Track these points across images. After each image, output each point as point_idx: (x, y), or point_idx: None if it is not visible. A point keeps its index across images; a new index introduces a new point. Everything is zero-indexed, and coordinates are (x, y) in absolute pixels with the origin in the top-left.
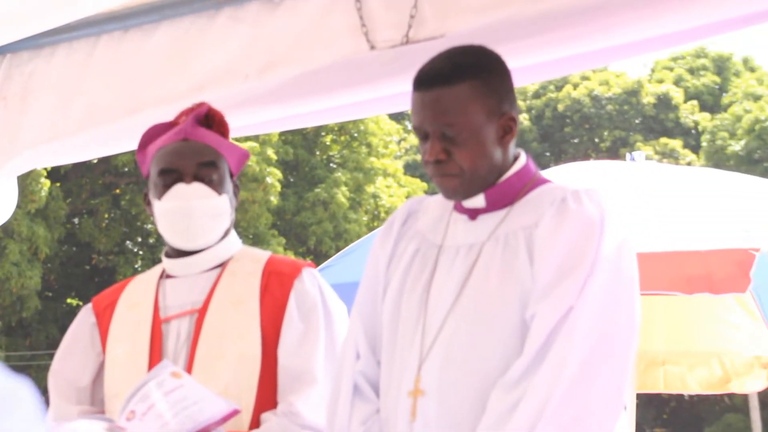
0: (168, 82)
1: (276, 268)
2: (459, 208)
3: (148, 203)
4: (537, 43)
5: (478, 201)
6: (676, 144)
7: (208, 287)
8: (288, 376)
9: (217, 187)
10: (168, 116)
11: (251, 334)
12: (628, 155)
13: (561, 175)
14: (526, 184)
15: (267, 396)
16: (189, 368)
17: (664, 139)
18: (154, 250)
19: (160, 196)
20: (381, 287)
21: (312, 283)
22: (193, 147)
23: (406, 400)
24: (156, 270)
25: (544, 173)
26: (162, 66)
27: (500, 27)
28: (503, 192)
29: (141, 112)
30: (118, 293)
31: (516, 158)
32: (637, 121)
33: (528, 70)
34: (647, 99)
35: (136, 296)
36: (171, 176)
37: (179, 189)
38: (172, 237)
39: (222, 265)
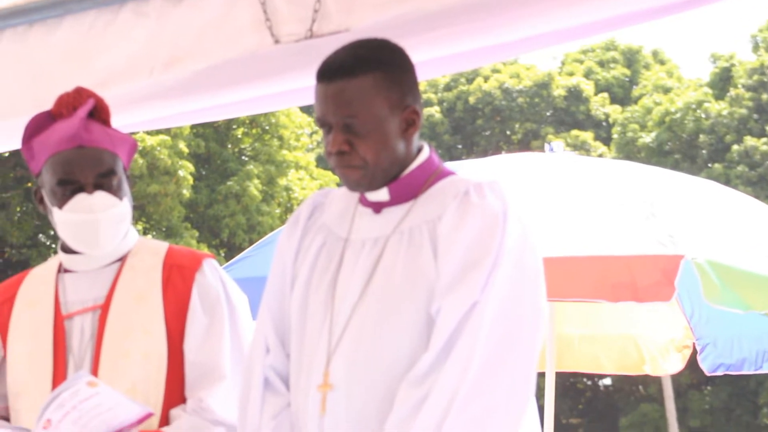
0: (73, 77)
1: (176, 261)
2: (364, 202)
3: (41, 202)
4: (443, 35)
5: (382, 194)
6: (587, 136)
7: (109, 282)
8: (196, 372)
9: (117, 192)
10: None
11: (156, 331)
12: (546, 146)
13: (479, 169)
14: (429, 176)
15: (175, 392)
16: (95, 367)
17: (575, 132)
18: None
19: (60, 205)
20: (288, 281)
21: (214, 275)
22: (91, 155)
23: (316, 394)
24: (52, 264)
25: (462, 166)
26: (67, 60)
27: (405, 20)
28: (407, 185)
29: (47, 106)
30: (15, 288)
31: (419, 151)
32: (548, 114)
33: (436, 62)
34: (558, 91)
35: (34, 292)
36: (71, 187)
37: (82, 200)
38: (77, 245)
39: (121, 259)
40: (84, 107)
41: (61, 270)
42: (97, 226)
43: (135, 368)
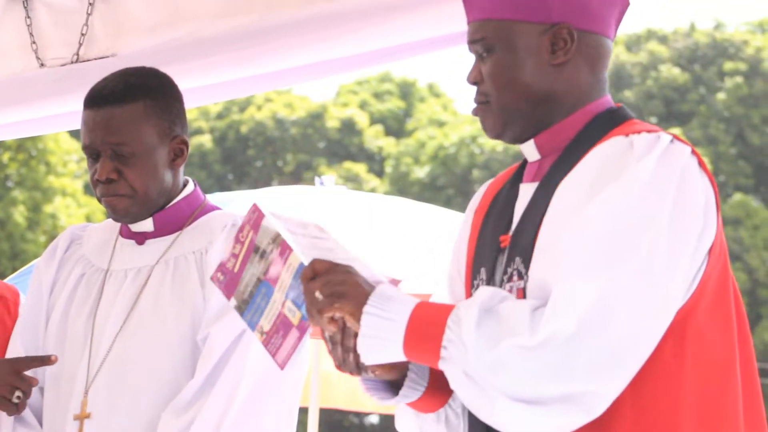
0: None
1: None
2: (126, 233)
3: None
4: (212, 63)
5: (147, 225)
6: (360, 168)
7: None
8: None
9: None
10: None
11: None
12: (317, 179)
13: (249, 200)
14: (195, 209)
15: None
16: None
17: (347, 164)
18: None
19: None
20: (44, 313)
21: None
22: None
23: (72, 423)
24: None
25: (231, 198)
26: None
27: (173, 47)
28: (172, 216)
29: None
30: None
31: (185, 184)
32: (321, 145)
33: (205, 90)
34: (331, 123)
35: None
36: None
37: None
38: None
39: None
40: None
41: None
42: None
43: None
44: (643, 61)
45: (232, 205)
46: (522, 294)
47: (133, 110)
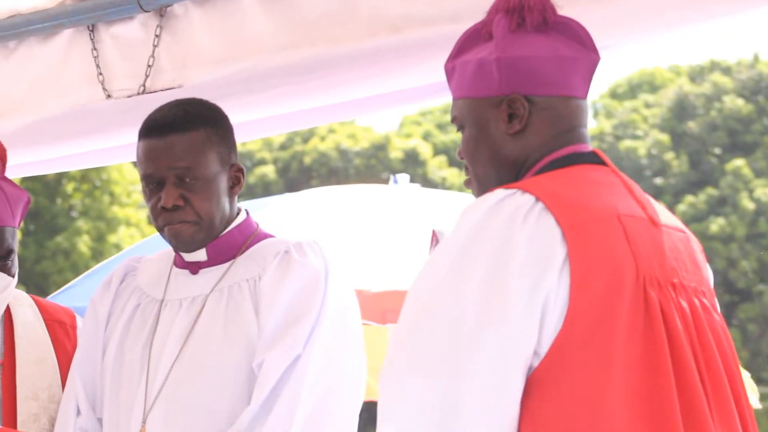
0: None
1: (55, 317)
2: (180, 264)
3: None
4: (277, 95)
5: (200, 255)
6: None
7: (0, 336)
8: None
9: (11, 269)
10: None
11: (56, 396)
12: (392, 178)
13: (318, 197)
14: (248, 237)
15: None
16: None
17: None
18: None
19: None
20: (100, 345)
21: None
22: None
23: None
24: None
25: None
26: None
27: (238, 79)
28: (225, 245)
29: None
30: None
31: (238, 213)
32: (384, 176)
33: (270, 121)
34: (395, 153)
35: None
36: None
37: None
38: None
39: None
40: None
41: None
42: None
43: None
44: (706, 92)
45: (302, 201)
46: None
47: (197, 137)
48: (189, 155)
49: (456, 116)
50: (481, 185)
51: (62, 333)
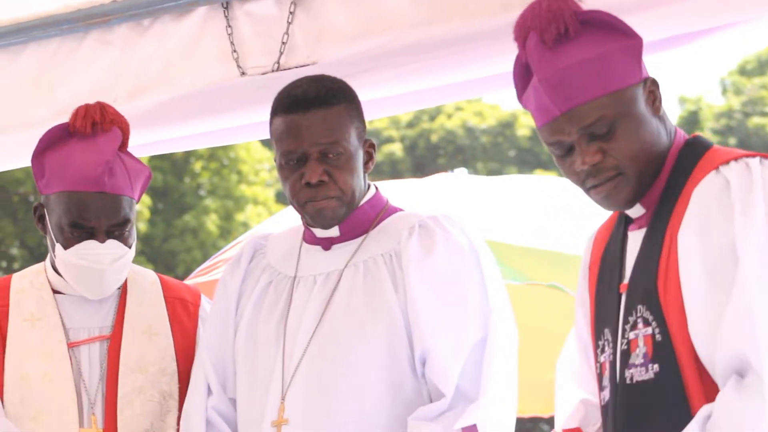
0: (35, 105)
1: (177, 295)
2: (310, 240)
3: (40, 220)
4: (408, 72)
5: (333, 230)
6: (551, 176)
7: (113, 311)
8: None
9: (128, 239)
10: (34, 140)
11: (169, 369)
12: (450, 172)
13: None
14: (379, 212)
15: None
16: (111, 403)
17: (538, 171)
18: None
19: (66, 245)
20: (232, 323)
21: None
22: (110, 204)
23: (270, 430)
24: (38, 277)
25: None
26: (29, 88)
27: (371, 55)
28: (357, 221)
29: (7, 134)
30: (4, 298)
31: (368, 188)
32: (511, 154)
33: (400, 99)
34: (522, 131)
35: (32, 307)
36: (83, 231)
37: (91, 248)
38: (77, 287)
39: (120, 287)
40: (109, 139)
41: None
42: (102, 275)
43: (151, 408)
44: None
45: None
46: (651, 341)
47: (339, 112)
48: (333, 131)
49: (603, 115)
50: (640, 178)
51: (182, 310)
